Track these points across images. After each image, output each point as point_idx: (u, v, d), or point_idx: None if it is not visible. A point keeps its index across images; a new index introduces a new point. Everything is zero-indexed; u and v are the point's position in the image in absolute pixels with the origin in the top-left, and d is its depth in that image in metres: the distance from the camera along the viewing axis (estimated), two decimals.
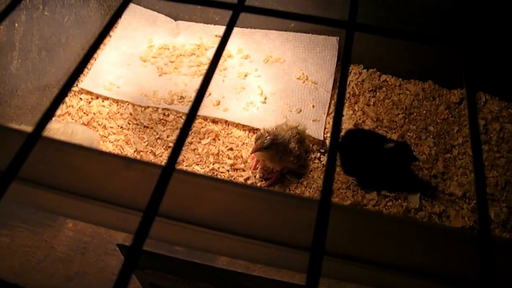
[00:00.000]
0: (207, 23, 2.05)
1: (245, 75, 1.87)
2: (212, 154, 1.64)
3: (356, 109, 1.81)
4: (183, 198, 0.43)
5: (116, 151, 1.66)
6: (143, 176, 0.42)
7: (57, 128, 1.44)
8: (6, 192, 0.31)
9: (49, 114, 0.40)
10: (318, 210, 0.31)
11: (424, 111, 1.81)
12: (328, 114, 1.77)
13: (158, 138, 1.69)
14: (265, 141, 1.44)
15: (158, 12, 2.08)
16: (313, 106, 1.78)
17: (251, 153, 1.51)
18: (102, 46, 2.00)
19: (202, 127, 1.70)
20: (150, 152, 1.65)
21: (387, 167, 1.54)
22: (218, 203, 0.43)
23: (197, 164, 1.62)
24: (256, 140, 1.46)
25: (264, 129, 1.50)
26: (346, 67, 0.41)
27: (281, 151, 1.49)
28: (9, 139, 0.47)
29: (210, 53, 1.97)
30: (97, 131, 1.70)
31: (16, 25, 1.47)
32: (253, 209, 0.43)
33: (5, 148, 0.46)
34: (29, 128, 1.43)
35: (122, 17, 2.07)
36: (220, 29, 2.02)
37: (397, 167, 1.55)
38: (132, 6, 2.04)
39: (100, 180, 0.43)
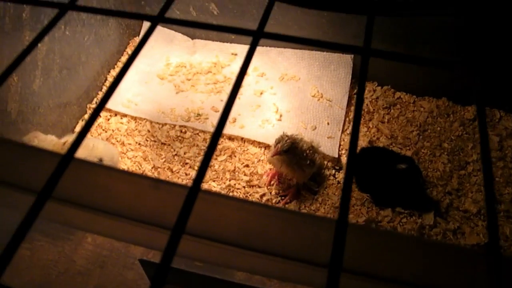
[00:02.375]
0: (224, 42, 2.09)
1: (261, 93, 1.90)
2: (229, 170, 1.66)
3: (371, 126, 1.82)
4: (206, 217, 0.45)
5: (134, 167, 1.69)
6: (169, 196, 0.45)
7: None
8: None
9: (81, 136, 0.42)
10: (336, 228, 0.33)
11: (438, 128, 1.82)
12: (342, 131, 1.79)
13: (176, 154, 1.71)
14: (285, 144, 1.46)
15: (175, 31, 2.12)
16: (328, 124, 1.80)
17: (272, 155, 1.51)
18: (119, 64, 2.04)
19: (219, 144, 1.73)
20: (167, 169, 1.68)
21: (400, 185, 1.56)
22: (240, 221, 0.45)
23: (214, 181, 1.65)
24: (276, 143, 1.48)
25: (284, 133, 1.51)
26: (362, 92, 0.43)
27: (298, 156, 1.50)
28: (42, 160, 0.49)
29: (226, 71, 2.00)
30: (116, 147, 1.73)
31: (39, 45, 1.51)
32: (273, 228, 0.45)
33: (38, 168, 0.49)
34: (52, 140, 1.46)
35: (140, 36, 2.11)
36: (236, 47, 2.05)
37: (409, 186, 1.56)
38: (149, 25, 2.08)
39: (128, 199, 0.45)
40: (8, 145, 0.49)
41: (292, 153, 1.49)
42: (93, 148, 1.50)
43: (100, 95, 1.91)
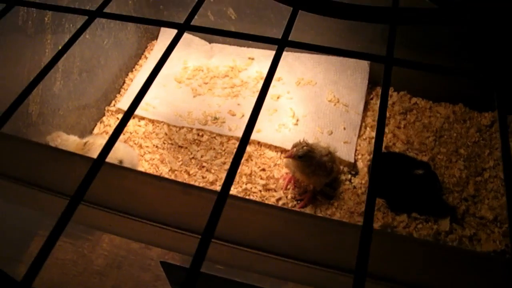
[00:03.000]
0: (241, 46, 2.10)
1: (278, 97, 1.91)
2: (245, 174, 1.67)
3: (387, 132, 1.82)
4: (233, 222, 0.46)
5: (152, 169, 1.70)
6: (197, 200, 0.46)
7: (100, 144, 1.50)
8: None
9: (112, 141, 0.43)
10: (361, 235, 0.34)
11: (455, 134, 1.82)
12: (359, 137, 1.80)
13: (192, 157, 1.73)
14: (301, 150, 1.46)
15: (193, 35, 2.13)
16: (344, 128, 1.80)
17: (285, 157, 1.52)
18: (137, 67, 2.07)
19: (235, 148, 1.74)
20: (184, 172, 1.69)
21: (417, 191, 1.56)
22: (264, 226, 0.46)
23: None
24: (293, 147, 1.49)
25: (304, 139, 1.51)
26: (385, 102, 0.44)
27: (314, 165, 1.51)
28: (73, 163, 0.51)
29: (243, 75, 2.01)
30: (133, 150, 1.75)
31: (60, 48, 1.53)
32: (297, 233, 0.46)
33: (65, 171, 0.50)
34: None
35: (158, 39, 2.13)
36: (253, 52, 2.07)
37: (425, 192, 1.56)
38: (167, 30, 2.10)
39: (157, 203, 0.46)
40: (34, 146, 0.51)
41: (308, 161, 1.49)
42: (114, 150, 1.52)
43: (119, 97, 1.93)
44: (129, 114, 0.46)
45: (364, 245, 0.34)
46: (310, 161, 1.49)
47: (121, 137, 1.78)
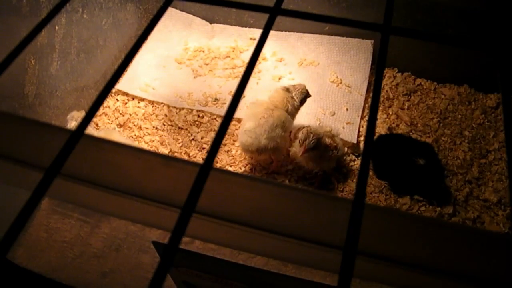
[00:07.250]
0: (242, 26, 2.07)
1: (279, 78, 1.88)
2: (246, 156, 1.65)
3: (390, 113, 1.80)
4: (219, 196, 0.44)
5: None
6: (181, 174, 0.43)
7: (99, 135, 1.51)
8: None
9: (90, 114, 0.41)
10: (351, 209, 0.32)
11: (459, 116, 1.79)
12: (362, 118, 1.77)
13: (193, 139, 1.71)
14: (312, 141, 1.45)
15: (194, 15, 2.10)
16: (347, 109, 1.77)
17: (301, 154, 1.50)
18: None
19: (236, 129, 1.72)
20: (184, 153, 1.67)
21: (419, 173, 1.53)
22: (254, 201, 0.44)
23: (230, 166, 1.63)
24: (304, 141, 1.46)
25: (306, 129, 1.49)
26: (381, 70, 0.42)
27: (322, 149, 1.50)
28: (52, 137, 0.48)
29: (245, 56, 1.98)
30: (133, 131, 1.73)
31: (57, 28, 1.51)
32: (287, 207, 0.43)
33: (48, 145, 0.48)
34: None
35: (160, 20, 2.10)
36: (255, 32, 2.03)
37: (428, 174, 1.54)
38: (168, 9, 2.07)
39: (139, 177, 0.44)
40: (15, 120, 0.48)
41: (317, 149, 1.48)
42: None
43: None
44: (111, 82, 0.43)
45: (355, 218, 0.31)
46: (319, 148, 1.48)
47: (120, 118, 1.76)
